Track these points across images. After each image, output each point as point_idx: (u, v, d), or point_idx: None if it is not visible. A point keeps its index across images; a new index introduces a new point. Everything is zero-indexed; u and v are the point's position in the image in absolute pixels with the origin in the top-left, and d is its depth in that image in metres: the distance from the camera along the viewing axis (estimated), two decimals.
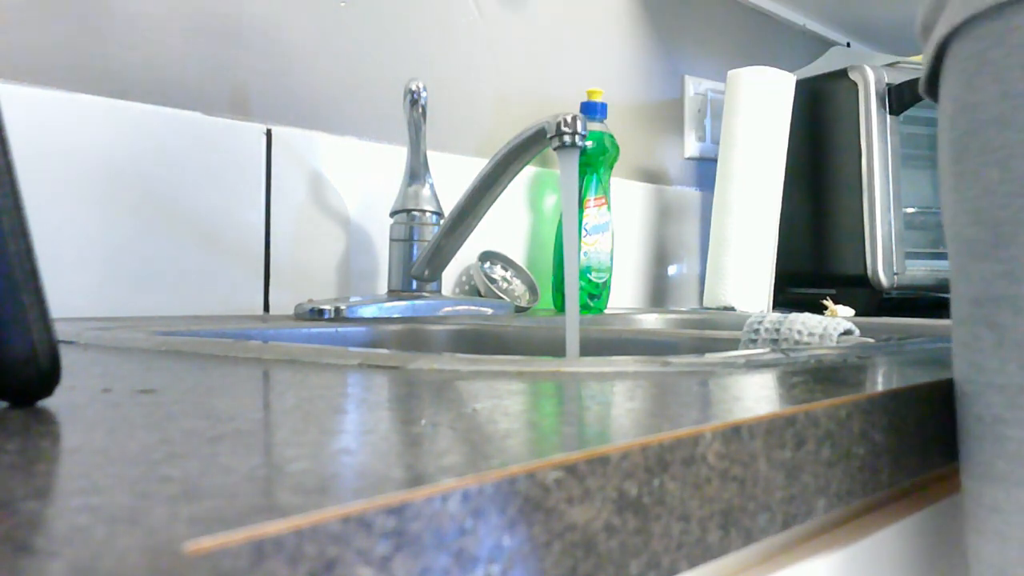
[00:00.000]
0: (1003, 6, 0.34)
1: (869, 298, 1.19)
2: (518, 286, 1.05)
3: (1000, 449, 0.35)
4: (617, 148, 1.08)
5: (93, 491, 0.17)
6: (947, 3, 0.37)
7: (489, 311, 0.88)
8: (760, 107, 1.18)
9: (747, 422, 0.27)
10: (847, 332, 0.58)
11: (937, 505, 0.43)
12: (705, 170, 1.45)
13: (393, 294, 0.87)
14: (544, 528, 0.20)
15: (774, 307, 1.23)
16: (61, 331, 0.52)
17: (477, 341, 0.73)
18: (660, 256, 1.36)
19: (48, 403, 0.27)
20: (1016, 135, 0.34)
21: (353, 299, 0.79)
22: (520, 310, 0.98)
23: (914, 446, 0.37)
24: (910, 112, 1.19)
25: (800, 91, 1.23)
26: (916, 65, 1.23)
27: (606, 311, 1.09)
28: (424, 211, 0.86)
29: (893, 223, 1.17)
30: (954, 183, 0.37)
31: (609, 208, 1.07)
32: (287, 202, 0.87)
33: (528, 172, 1.13)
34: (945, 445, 0.40)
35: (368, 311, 0.78)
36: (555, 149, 0.68)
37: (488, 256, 1.04)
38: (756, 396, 0.32)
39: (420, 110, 0.85)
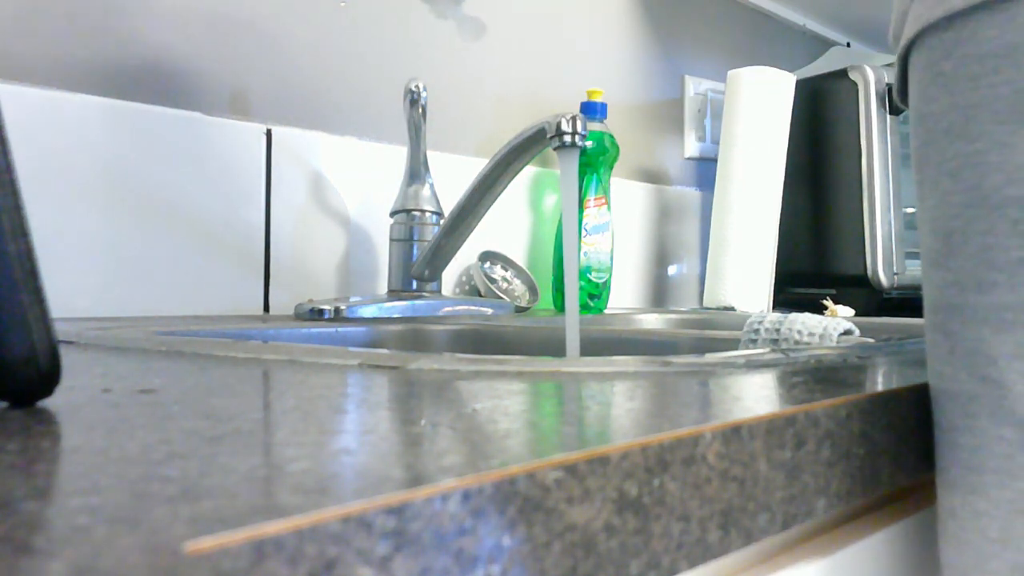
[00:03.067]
0: (952, 18, 0.35)
1: (869, 298, 1.19)
2: (518, 286, 1.05)
3: (954, 457, 0.35)
4: (617, 148, 1.08)
5: (93, 491, 0.17)
6: (909, 13, 0.38)
7: (489, 311, 0.88)
8: (760, 107, 1.18)
9: (747, 422, 0.27)
10: (847, 332, 0.58)
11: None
12: (705, 170, 1.45)
13: (393, 294, 0.87)
14: (544, 528, 0.20)
15: (774, 307, 1.23)
16: (61, 331, 0.52)
17: (477, 341, 0.73)
18: (660, 256, 1.36)
19: (48, 403, 0.27)
20: (965, 146, 0.34)
21: (353, 299, 0.79)
22: (520, 310, 0.98)
23: (914, 446, 0.37)
24: None
25: (800, 91, 1.23)
26: None
27: (606, 311, 1.09)
28: (424, 211, 0.86)
29: (893, 223, 1.17)
30: (918, 192, 0.38)
31: (609, 208, 1.07)
32: (287, 202, 0.87)
33: (528, 172, 1.13)
34: None
35: (368, 311, 0.78)
36: (555, 149, 0.68)
37: (488, 256, 1.04)
38: (756, 396, 0.32)
39: (420, 110, 0.85)
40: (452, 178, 1.02)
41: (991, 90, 0.33)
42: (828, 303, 1.03)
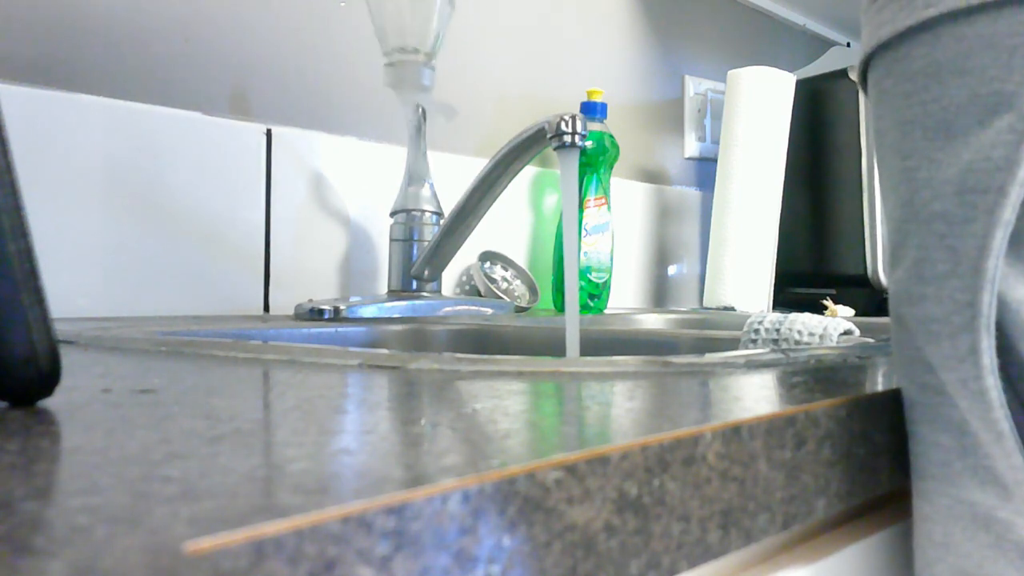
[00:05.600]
0: (891, 39, 0.36)
1: (869, 298, 1.19)
2: (518, 286, 1.05)
3: (915, 461, 0.36)
4: (617, 148, 1.08)
5: (93, 491, 0.17)
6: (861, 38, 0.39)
7: (489, 311, 0.88)
8: (760, 107, 1.18)
9: (747, 422, 0.27)
10: (847, 332, 0.58)
11: None
12: (705, 170, 1.45)
13: (393, 294, 0.87)
14: (544, 528, 0.20)
15: (774, 307, 1.23)
16: (61, 331, 0.52)
17: (477, 341, 0.73)
18: (660, 256, 1.36)
19: (48, 403, 0.27)
20: (901, 162, 0.35)
21: (353, 299, 0.79)
22: (520, 310, 0.98)
23: None
24: None
25: (800, 91, 1.23)
26: None
27: (606, 311, 1.09)
28: (424, 211, 0.86)
29: None
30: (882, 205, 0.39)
31: (609, 208, 1.07)
32: (287, 202, 0.87)
33: (528, 172, 1.13)
34: None
35: (368, 311, 0.78)
36: (555, 149, 0.68)
37: (488, 256, 1.04)
38: (756, 396, 0.32)
39: (420, 110, 0.85)
40: (452, 178, 1.02)
41: (921, 107, 0.34)
42: (828, 303, 1.03)
